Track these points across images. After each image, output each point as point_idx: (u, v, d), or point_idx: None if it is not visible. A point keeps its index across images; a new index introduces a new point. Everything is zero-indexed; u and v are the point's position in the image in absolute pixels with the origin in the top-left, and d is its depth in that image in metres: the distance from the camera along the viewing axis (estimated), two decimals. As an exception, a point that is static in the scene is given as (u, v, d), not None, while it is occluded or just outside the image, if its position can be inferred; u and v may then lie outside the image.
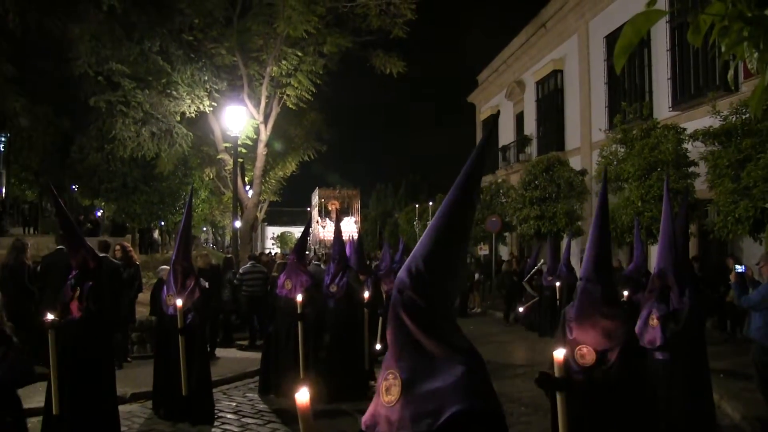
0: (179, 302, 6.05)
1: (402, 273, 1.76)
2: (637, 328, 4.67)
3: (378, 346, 8.63)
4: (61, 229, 5.77)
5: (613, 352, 3.54)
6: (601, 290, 3.66)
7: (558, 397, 3.17)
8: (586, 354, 3.61)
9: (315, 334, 7.45)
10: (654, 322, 4.83)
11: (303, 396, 1.67)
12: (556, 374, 3.17)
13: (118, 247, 9.93)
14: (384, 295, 9.40)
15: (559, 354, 3.14)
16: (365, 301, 8.02)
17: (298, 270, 7.63)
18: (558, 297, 11.99)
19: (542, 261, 14.47)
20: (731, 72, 2.28)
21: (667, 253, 4.99)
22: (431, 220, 1.84)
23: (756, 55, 1.57)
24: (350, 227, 35.06)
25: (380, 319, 8.58)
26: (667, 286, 4.94)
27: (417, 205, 27.26)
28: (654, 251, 9.03)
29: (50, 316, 4.71)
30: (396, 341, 1.75)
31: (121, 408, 5.99)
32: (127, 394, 7.00)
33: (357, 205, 45.54)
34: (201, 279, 9.63)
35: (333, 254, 8.58)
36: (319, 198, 43.22)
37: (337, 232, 8.55)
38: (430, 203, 26.67)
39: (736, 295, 6.90)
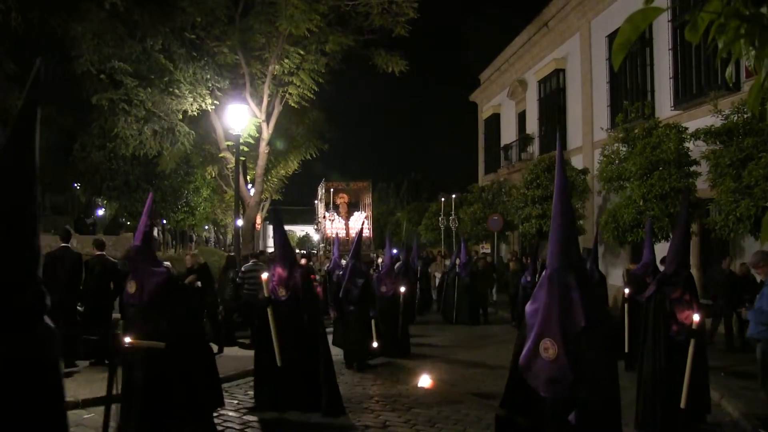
0: None
1: None
2: (522, 358, 3.09)
3: (374, 344, 8.82)
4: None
5: None
6: None
7: None
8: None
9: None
10: (550, 350, 2.73)
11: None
12: None
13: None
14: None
15: None
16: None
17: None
18: None
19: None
20: (729, 69, 2.29)
21: (684, 255, 4.56)
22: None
23: (753, 52, 1.58)
24: (360, 223, 32.34)
25: (372, 321, 8.88)
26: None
27: (443, 199, 26.53)
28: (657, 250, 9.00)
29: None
30: None
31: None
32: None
33: (368, 199, 38.63)
34: (193, 277, 9.78)
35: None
36: (326, 191, 37.75)
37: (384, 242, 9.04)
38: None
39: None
